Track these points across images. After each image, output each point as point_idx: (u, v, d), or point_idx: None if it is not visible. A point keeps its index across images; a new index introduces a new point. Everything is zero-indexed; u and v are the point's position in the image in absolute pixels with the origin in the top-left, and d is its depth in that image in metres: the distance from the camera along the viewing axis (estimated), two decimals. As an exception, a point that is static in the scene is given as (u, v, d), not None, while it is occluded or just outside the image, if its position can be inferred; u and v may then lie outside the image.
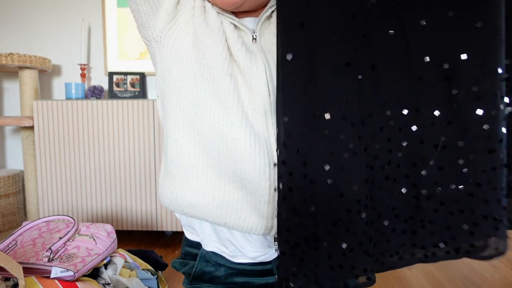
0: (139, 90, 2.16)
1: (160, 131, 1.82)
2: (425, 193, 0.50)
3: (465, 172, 0.49)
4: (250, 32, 0.59)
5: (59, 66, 2.29)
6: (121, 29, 2.21)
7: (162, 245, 1.94)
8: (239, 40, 0.57)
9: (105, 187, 1.87)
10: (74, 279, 0.97)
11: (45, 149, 1.87)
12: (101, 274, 1.09)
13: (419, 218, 0.53)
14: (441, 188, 0.50)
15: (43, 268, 0.98)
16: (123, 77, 2.16)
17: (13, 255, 1.04)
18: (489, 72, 0.46)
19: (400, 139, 0.50)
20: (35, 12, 2.27)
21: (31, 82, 2.04)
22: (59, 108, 1.86)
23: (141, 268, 1.23)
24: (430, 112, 0.48)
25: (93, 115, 1.85)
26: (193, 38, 0.58)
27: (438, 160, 0.49)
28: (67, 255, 1.04)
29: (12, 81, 2.34)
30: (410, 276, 1.59)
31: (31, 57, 1.98)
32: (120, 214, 1.88)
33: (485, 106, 0.46)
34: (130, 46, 2.21)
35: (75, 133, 1.86)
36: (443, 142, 0.48)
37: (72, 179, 1.88)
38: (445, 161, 0.49)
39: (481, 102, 0.46)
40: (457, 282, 1.53)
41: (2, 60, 1.91)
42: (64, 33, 2.26)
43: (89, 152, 1.86)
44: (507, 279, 1.55)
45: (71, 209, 1.89)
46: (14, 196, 2.14)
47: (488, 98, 0.46)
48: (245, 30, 0.59)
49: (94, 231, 1.17)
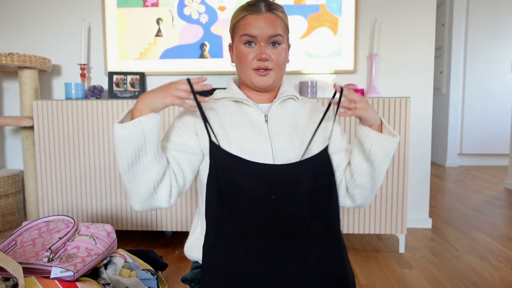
0: (139, 90, 2.16)
1: (160, 131, 1.82)
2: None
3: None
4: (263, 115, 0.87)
5: (59, 66, 2.29)
6: (121, 29, 2.21)
7: (162, 245, 1.94)
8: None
9: (105, 187, 1.87)
10: (74, 279, 0.97)
11: (45, 149, 1.87)
12: (101, 274, 1.09)
13: None
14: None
15: (43, 268, 0.98)
16: (123, 77, 2.15)
17: (13, 255, 1.03)
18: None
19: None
20: (35, 12, 2.26)
21: (31, 82, 2.04)
22: (59, 108, 1.85)
23: (141, 268, 1.22)
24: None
25: (93, 115, 1.85)
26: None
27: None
28: (67, 255, 1.03)
29: (12, 81, 2.34)
30: (410, 276, 1.59)
31: (31, 57, 1.98)
32: (120, 214, 1.88)
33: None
34: (130, 46, 2.21)
35: (75, 133, 1.86)
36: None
37: (72, 179, 1.88)
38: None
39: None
40: (457, 282, 1.53)
41: (2, 60, 1.91)
42: (64, 33, 2.26)
43: (89, 152, 1.86)
44: (507, 279, 1.55)
45: (71, 209, 1.89)
46: (14, 196, 2.14)
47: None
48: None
49: (94, 231, 1.17)
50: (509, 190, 3.20)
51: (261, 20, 0.82)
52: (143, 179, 0.75)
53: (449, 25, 4.42)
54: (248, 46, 0.84)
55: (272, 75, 0.85)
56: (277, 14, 0.84)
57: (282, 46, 0.85)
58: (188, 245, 0.90)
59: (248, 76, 0.86)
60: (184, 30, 2.19)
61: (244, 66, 0.85)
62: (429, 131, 2.16)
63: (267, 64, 0.83)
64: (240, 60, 0.86)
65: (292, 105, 0.91)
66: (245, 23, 0.84)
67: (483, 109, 4.45)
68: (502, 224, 2.29)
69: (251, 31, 0.82)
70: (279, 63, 0.85)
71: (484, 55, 4.39)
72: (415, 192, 2.21)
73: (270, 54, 0.83)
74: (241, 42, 0.84)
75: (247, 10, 0.84)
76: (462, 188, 3.30)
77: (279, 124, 0.86)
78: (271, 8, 0.84)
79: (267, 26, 0.82)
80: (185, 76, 2.23)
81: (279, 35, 0.83)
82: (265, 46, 0.83)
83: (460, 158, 4.60)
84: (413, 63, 2.15)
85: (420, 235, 2.10)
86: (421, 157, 2.18)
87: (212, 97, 0.91)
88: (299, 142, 0.84)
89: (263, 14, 0.83)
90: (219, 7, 2.16)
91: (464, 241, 2.00)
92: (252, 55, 0.84)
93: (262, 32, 0.82)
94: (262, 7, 0.83)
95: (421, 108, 2.16)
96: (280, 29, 0.84)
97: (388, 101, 1.76)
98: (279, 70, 0.86)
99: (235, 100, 0.88)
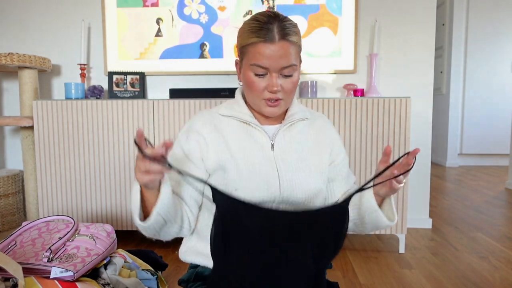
0: (139, 90, 2.16)
1: (159, 131, 1.82)
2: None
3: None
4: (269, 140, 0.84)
5: (59, 66, 2.29)
6: (121, 29, 2.21)
7: (162, 245, 1.94)
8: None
9: (105, 187, 1.87)
10: (73, 279, 0.97)
11: (45, 149, 1.87)
12: (100, 274, 1.09)
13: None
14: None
15: (43, 268, 0.98)
16: (122, 77, 2.15)
17: (13, 255, 1.03)
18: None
19: None
20: (35, 12, 2.26)
21: (31, 82, 2.04)
22: (59, 108, 1.85)
23: (141, 268, 1.22)
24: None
25: (92, 115, 1.85)
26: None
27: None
28: (66, 255, 1.03)
29: (11, 81, 2.34)
30: (410, 276, 1.59)
31: (30, 57, 1.98)
32: (120, 214, 1.87)
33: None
34: (130, 46, 2.21)
35: (74, 133, 1.86)
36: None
37: (72, 179, 1.88)
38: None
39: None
40: (457, 282, 1.53)
41: (2, 60, 1.91)
42: (64, 33, 2.26)
43: (89, 152, 1.86)
44: (507, 279, 1.55)
45: (71, 209, 1.89)
46: (13, 196, 2.14)
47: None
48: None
49: (94, 231, 1.17)
50: (509, 190, 3.20)
51: (274, 50, 0.75)
52: (166, 235, 0.78)
53: (449, 25, 4.42)
54: (259, 76, 0.79)
55: (282, 104, 0.82)
56: (291, 41, 0.77)
57: (294, 75, 0.80)
58: (183, 249, 0.89)
59: (257, 105, 0.82)
60: (184, 30, 2.19)
61: (254, 95, 0.81)
62: (429, 131, 2.16)
63: (278, 95, 0.79)
64: (250, 89, 0.81)
65: (300, 128, 0.87)
66: (255, 51, 0.77)
67: (483, 109, 4.45)
68: (502, 224, 2.29)
69: (263, 63, 0.76)
70: (290, 92, 0.81)
71: (484, 55, 4.39)
72: (415, 192, 2.21)
73: (282, 84, 0.79)
74: (251, 70, 0.79)
75: (258, 35, 0.76)
76: (462, 188, 3.30)
77: (286, 152, 0.83)
78: (285, 34, 0.76)
79: (280, 57, 0.76)
80: (185, 76, 2.23)
81: (292, 66, 0.78)
82: (277, 76, 0.78)
83: (460, 158, 4.59)
84: (413, 63, 2.15)
85: (420, 235, 2.10)
86: (421, 157, 2.18)
87: (217, 112, 0.87)
88: (306, 172, 0.82)
89: (276, 43, 0.75)
90: (219, 7, 2.16)
91: (464, 241, 2.00)
92: (263, 86, 0.79)
93: (274, 63, 0.76)
94: (275, 33, 0.75)
95: (421, 108, 2.16)
96: (293, 58, 0.78)
97: (388, 101, 1.76)
98: (290, 98, 0.83)
99: (242, 121, 0.85)
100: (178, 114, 1.81)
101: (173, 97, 2.03)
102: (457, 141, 4.54)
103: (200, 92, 2.04)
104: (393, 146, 1.77)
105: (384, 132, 1.76)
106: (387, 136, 1.76)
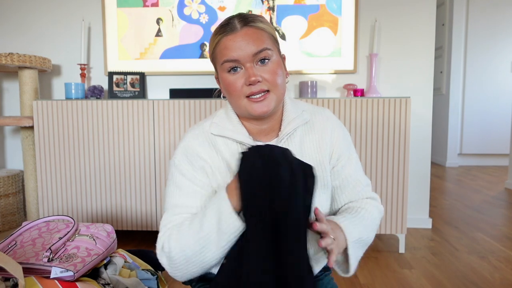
0: (139, 90, 2.16)
1: (159, 131, 1.82)
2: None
3: None
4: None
5: (59, 66, 2.29)
6: (121, 29, 2.21)
7: (162, 245, 1.94)
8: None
9: (105, 187, 1.87)
10: (74, 279, 0.97)
11: (45, 149, 1.87)
12: (101, 274, 1.09)
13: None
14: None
15: (43, 268, 0.98)
16: (123, 77, 2.15)
17: (13, 255, 1.03)
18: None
19: None
20: (35, 12, 2.26)
21: (31, 82, 2.04)
22: (59, 108, 1.85)
23: (141, 268, 1.22)
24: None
25: (93, 115, 1.85)
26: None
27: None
28: (67, 255, 1.03)
29: (12, 81, 2.34)
30: (410, 276, 1.59)
31: (30, 57, 1.98)
32: (120, 214, 1.87)
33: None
34: (130, 46, 2.21)
35: (75, 133, 1.86)
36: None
37: (72, 179, 1.88)
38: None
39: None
40: (457, 282, 1.53)
41: (2, 60, 1.91)
42: (64, 33, 2.26)
43: (89, 152, 1.86)
44: (507, 279, 1.55)
45: (71, 209, 1.89)
46: (14, 196, 2.14)
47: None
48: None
49: (94, 231, 1.17)
50: (509, 190, 3.20)
51: (238, 39, 0.70)
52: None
53: (449, 25, 4.42)
54: (233, 73, 0.72)
55: (271, 98, 0.72)
56: (257, 26, 0.72)
57: (272, 60, 0.72)
58: None
59: (243, 107, 0.73)
60: (184, 30, 2.19)
61: (234, 96, 0.73)
62: (429, 131, 2.16)
63: (261, 86, 0.71)
64: (229, 91, 0.73)
65: (300, 138, 0.79)
66: (222, 48, 0.71)
67: (483, 109, 4.45)
68: (502, 224, 2.29)
69: (231, 55, 0.70)
70: (274, 81, 0.72)
71: (484, 55, 4.39)
72: (415, 192, 2.21)
73: (261, 73, 0.71)
74: (224, 70, 0.72)
75: (221, 32, 0.72)
76: (462, 188, 3.30)
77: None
78: (247, 21, 0.71)
79: (247, 44, 0.69)
80: (185, 76, 2.24)
81: (265, 50, 0.70)
82: (252, 66, 0.70)
83: (460, 158, 4.59)
84: (413, 63, 2.15)
85: (420, 235, 2.10)
86: (421, 157, 2.18)
87: (209, 131, 0.79)
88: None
89: (239, 32, 0.70)
90: (219, 7, 2.16)
91: (464, 241, 2.00)
92: (240, 82, 0.71)
93: (243, 52, 0.69)
94: (235, 23, 0.71)
95: (421, 108, 2.16)
96: (265, 42, 0.71)
97: (388, 101, 1.76)
98: (277, 89, 0.73)
99: (236, 141, 0.77)
100: (178, 114, 1.82)
101: (173, 97, 2.03)
102: (457, 141, 4.54)
103: (200, 92, 2.04)
104: (393, 146, 1.77)
105: (384, 132, 1.77)
106: (387, 136, 1.77)
